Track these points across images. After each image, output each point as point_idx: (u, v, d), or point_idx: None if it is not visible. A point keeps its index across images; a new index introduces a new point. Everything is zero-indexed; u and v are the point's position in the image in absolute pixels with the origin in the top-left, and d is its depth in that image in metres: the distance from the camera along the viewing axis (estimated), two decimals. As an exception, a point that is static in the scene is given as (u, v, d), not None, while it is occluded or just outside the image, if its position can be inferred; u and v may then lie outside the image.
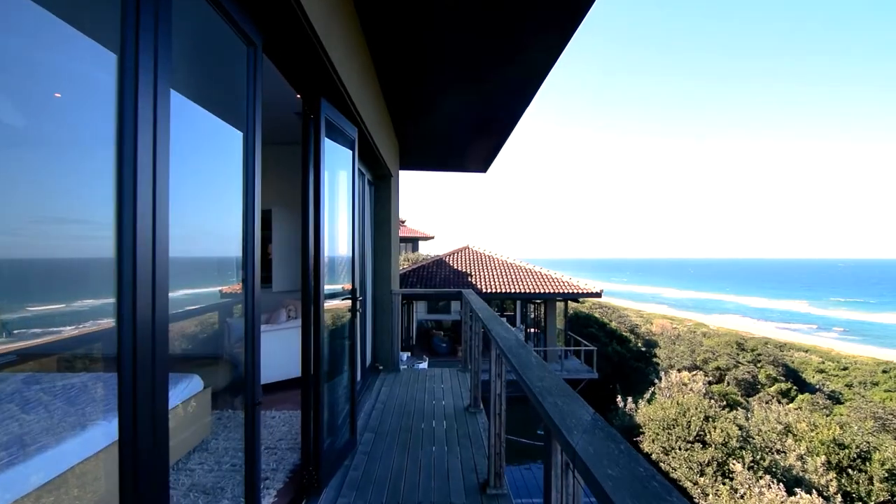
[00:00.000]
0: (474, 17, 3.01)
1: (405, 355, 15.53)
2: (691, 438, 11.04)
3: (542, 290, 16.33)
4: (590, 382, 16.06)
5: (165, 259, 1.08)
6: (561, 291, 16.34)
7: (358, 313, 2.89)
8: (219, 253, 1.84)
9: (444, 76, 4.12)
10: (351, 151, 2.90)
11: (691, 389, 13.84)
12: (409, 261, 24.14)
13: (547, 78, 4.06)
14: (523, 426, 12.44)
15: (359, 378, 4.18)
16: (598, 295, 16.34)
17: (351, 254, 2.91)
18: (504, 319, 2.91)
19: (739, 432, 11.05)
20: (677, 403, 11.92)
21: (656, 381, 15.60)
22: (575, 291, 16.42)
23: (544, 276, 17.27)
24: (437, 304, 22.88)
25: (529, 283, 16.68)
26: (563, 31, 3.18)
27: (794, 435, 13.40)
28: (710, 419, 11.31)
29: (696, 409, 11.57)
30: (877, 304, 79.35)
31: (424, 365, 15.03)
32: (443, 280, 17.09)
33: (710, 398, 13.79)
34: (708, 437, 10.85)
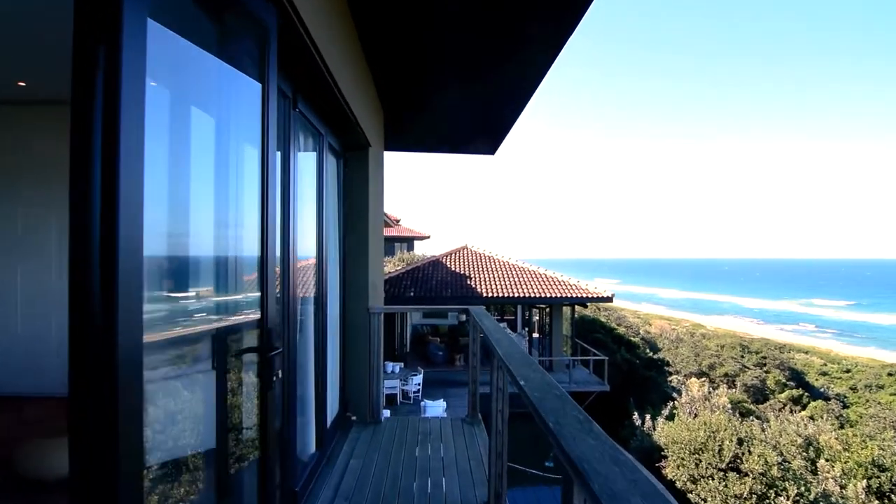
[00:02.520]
0: None
1: (398, 366, 14.00)
2: (724, 466, 9.65)
3: (547, 295, 14.89)
4: (599, 395, 14.64)
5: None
6: (568, 296, 14.91)
7: (275, 381, 1.41)
8: None
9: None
10: (261, 51, 1.43)
11: (716, 405, 12.44)
12: (403, 261, 22.67)
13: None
14: (528, 449, 10.96)
15: (311, 453, 2.68)
16: (610, 299, 14.95)
17: (261, 260, 1.43)
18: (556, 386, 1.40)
19: (778, 458, 9.66)
20: (704, 423, 10.52)
21: (675, 395, 14.24)
22: (583, 296, 15.00)
23: (549, 279, 15.84)
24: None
25: (534, 287, 15.24)
26: None
27: (826, 454, 12.06)
28: (745, 442, 9.92)
29: (727, 430, 10.18)
30: (871, 305, 79.07)
31: (419, 378, 13.51)
32: (439, 283, 15.60)
33: (740, 415, 12.41)
34: (744, 464, 9.47)
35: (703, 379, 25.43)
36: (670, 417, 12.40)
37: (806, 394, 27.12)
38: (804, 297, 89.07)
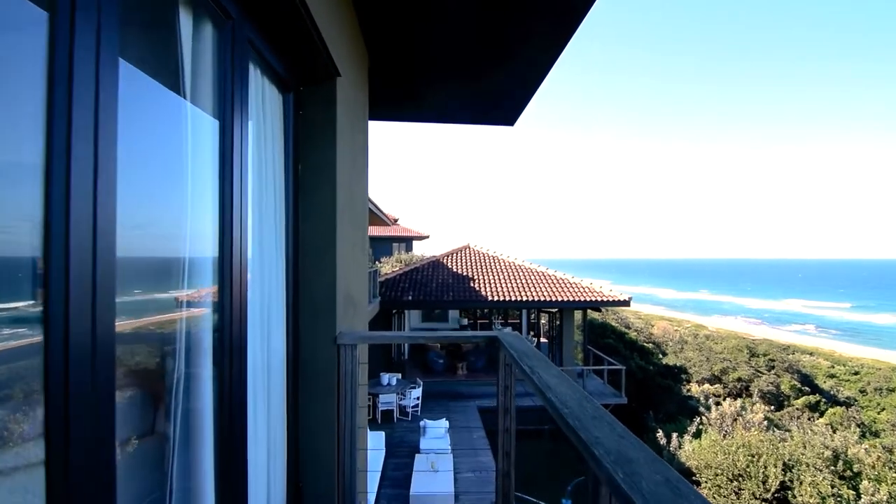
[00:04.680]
0: None
1: (395, 377, 12.56)
2: (770, 497, 8.35)
3: (557, 298, 13.58)
4: (614, 408, 13.30)
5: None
6: (580, 299, 13.59)
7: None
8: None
9: None
10: None
11: (749, 422, 11.13)
12: (401, 262, 21.30)
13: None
14: (538, 467, 9.62)
15: None
16: (627, 303, 13.65)
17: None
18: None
19: (832, 488, 8.37)
20: (743, 446, 9.22)
21: (701, 408, 12.93)
22: (597, 299, 13.69)
23: (559, 281, 14.52)
24: (433, 312, 20.04)
25: (543, 290, 13.92)
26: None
27: (866, 472, 10.73)
28: (792, 468, 8.62)
29: (770, 454, 8.88)
30: (870, 306, 78.27)
31: (418, 391, 12.12)
32: (440, 285, 14.27)
33: (775, 427, 11.07)
34: (795, 497, 8.17)
35: (717, 385, 24.19)
36: (697, 435, 11.14)
37: (822, 399, 26.02)
38: (804, 298, 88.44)
